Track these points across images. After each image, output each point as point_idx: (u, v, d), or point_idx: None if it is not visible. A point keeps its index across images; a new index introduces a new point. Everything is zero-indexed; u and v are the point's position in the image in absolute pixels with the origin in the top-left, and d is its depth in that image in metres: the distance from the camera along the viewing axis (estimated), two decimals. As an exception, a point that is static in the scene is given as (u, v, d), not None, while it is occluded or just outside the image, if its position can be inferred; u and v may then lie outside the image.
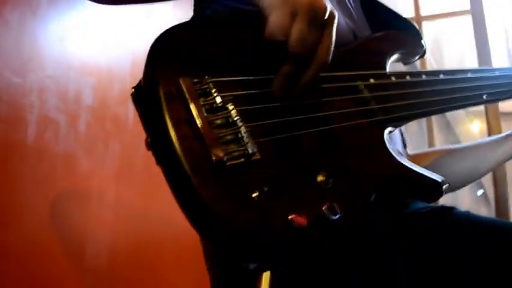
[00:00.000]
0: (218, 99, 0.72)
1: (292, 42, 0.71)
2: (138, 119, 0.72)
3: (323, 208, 0.71)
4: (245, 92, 0.76)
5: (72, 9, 1.84)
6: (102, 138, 1.68)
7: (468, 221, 0.86)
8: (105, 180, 1.65)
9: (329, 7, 0.73)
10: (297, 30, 0.71)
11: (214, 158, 0.66)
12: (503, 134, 1.23)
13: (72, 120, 1.63)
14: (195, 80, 0.72)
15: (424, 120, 2.80)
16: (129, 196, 1.72)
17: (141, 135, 0.71)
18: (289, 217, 0.67)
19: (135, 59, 1.90)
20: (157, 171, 0.68)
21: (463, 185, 1.23)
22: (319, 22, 0.72)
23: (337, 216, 0.70)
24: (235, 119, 0.71)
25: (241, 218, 0.65)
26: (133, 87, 0.74)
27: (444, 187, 0.81)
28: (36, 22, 1.72)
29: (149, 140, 0.71)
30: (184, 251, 1.78)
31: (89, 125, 1.67)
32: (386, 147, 0.86)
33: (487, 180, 2.61)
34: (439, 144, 3.29)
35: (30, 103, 1.51)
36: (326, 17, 0.73)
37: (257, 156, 0.70)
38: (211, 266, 1.01)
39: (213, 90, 0.72)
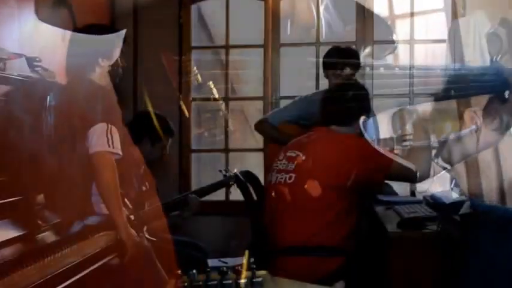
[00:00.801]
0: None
1: None
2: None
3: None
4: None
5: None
6: (69, 138, 1.63)
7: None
8: (72, 180, 1.60)
9: None
10: None
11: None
12: (467, 130, 1.29)
13: (38, 119, 1.58)
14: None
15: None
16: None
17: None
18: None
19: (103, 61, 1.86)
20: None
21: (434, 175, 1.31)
22: None
23: None
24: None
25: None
26: (110, 65, 0.80)
27: (418, 174, 0.93)
28: (4, 22, 1.69)
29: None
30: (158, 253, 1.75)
31: (54, 124, 1.62)
32: (362, 134, 0.92)
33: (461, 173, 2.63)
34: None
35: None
36: None
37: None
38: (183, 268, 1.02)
39: None
